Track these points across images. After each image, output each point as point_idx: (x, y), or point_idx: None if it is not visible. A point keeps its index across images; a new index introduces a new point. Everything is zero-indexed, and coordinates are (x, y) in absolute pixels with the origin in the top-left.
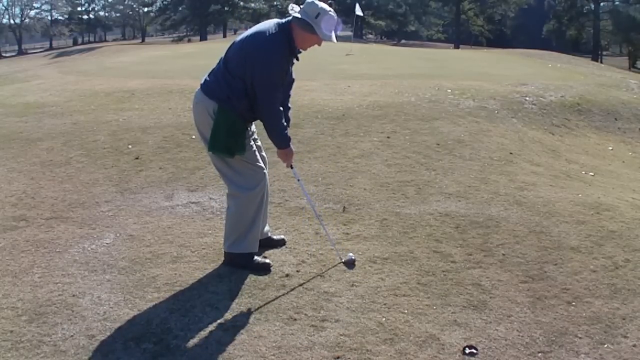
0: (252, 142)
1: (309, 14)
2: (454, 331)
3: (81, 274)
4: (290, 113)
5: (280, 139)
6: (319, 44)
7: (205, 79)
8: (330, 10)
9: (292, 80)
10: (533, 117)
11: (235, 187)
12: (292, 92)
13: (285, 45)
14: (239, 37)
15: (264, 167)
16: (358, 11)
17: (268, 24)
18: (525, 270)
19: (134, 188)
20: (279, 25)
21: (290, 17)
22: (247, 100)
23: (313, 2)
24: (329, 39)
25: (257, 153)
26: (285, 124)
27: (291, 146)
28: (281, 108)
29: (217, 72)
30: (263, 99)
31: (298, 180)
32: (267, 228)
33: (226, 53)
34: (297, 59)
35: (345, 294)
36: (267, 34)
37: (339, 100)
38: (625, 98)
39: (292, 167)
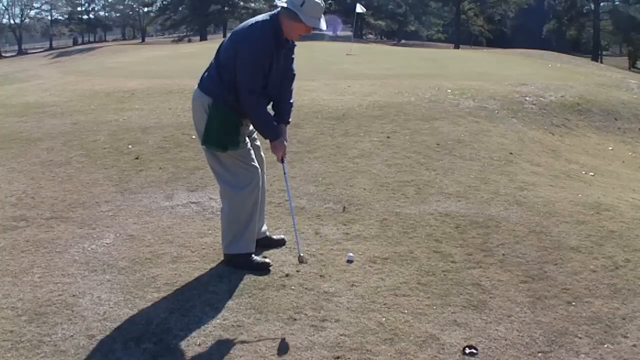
0: (249, 141)
1: (294, 3)
2: (454, 331)
3: (81, 274)
4: (292, 110)
5: (265, 130)
6: (308, 32)
7: (202, 76)
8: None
9: (293, 75)
10: (533, 117)
11: (227, 186)
12: (293, 88)
13: (271, 34)
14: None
15: (258, 167)
16: (359, 9)
17: (259, 16)
18: (525, 270)
19: (134, 188)
20: (268, 15)
21: (278, 9)
22: (235, 92)
23: None
24: (317, 25)
25: (252, 152)
26: (270, 115)
27: (281, 139)
28: (270, 103)
29: (210, 68)
30: (240, 86)
31: (284, 174)
32: (264, 228)
33: (218, 49)
34: (292, 52)
35: (345, 294)
36: (254, 23)
37: (339, 100)
38: (625, 98)
39: (282, 162)
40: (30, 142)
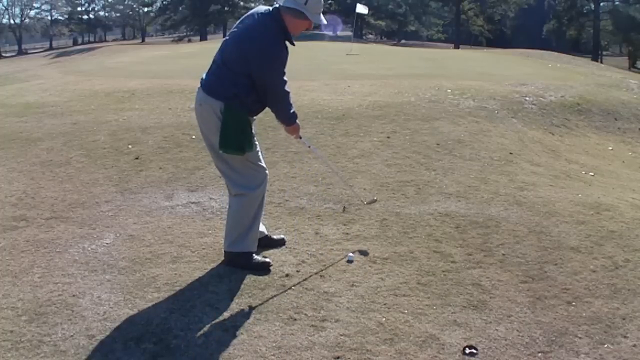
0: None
1: (297, 2)
2: (454, 331)
3: (81, 274)
4: None
5: (290, 118)
6: (310, 28)
7: (206, 79)
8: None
9: None
10: (533, 117)
11: (238, 188)
12: None
13: (281, 35)
14: (230, 34)
15: (265, 167)
16: (359, 9)
17: (258, 17)
18: (525, 270)
19: (134, 188)
20: (270, 15)
21: (277, 5)
22: (256, 93)
23: None
24: (319, 21)
25: (259, 153)
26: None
27: (297, 121)
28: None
29: (217, 72)
30: (275, 90)
31: (309, 147)
32: (262, 228)
33: (222, 52)
34: (292, 44)
35: (345, 294)
36: (262, 29)
37: (339, 100)
38: (625, 98)
39: (300, 137)
40: (30, 142)
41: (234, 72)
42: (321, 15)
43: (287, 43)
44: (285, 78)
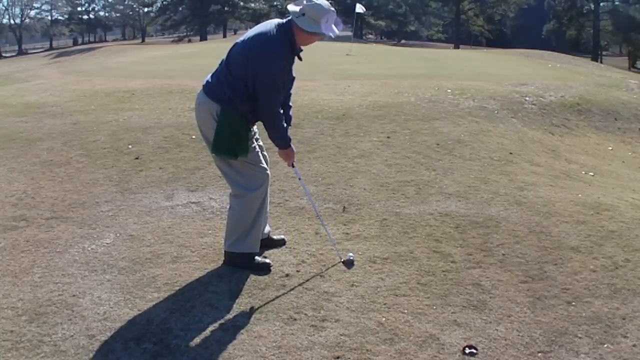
0: (255, 143)
1: (296, 14)
2: (454, 331)
3: (81, 274)
4: (292, 112)
5: (281, 140)
6: (320, 39)
7: (208, 81)
8: (331, 9)
9: (293, 79)
10: (533, 117)
11: (238, 188)
12: (292, 91)
13: (287, 46)
14: (240, 39)
15: (266, 168)
16: (359, 9)
17: (269, 25)
18: (525, 270)
19: (134, 188)
20: (281, 25)
21: (290, 17)
22: (249, 101)
23: (313, 2)
24: (321, 30)
25: (260, 154)
26: (285, 124)
27: (292, 146)
28: (281, 110)
29: (219, 74)
30: (264, 101)
31: (299, 179)
32: (267, 228)
33: (228, 54)
34: (300, 59)
35: (345, 294)
36: (269, 35)
37: (339, 100)
38: (625, 98)
39: (293, 167)
40: (31, 142)
41: (234, 76)
42: (324, 24)
43: (293, 58)
44: (278, 95)
